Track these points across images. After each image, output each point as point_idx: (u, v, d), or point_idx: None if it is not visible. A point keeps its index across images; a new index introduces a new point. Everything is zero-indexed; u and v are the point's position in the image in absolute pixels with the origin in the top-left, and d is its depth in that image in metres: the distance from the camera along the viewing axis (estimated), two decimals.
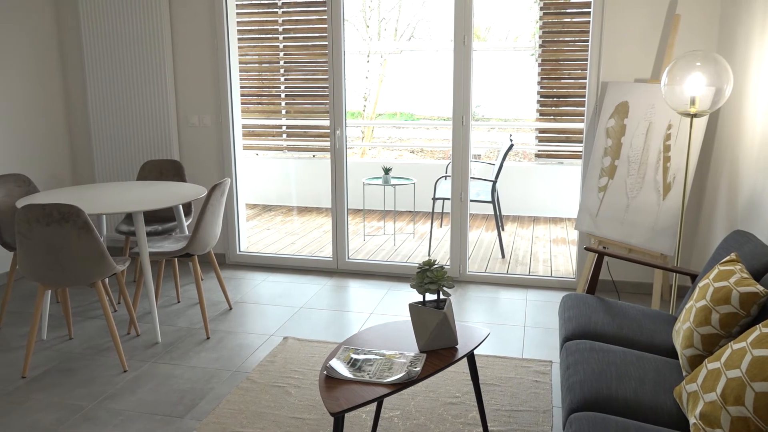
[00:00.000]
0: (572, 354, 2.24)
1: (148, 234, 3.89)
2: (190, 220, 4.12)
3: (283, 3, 5.05)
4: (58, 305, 3.91)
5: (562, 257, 5.00)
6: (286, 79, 5.42)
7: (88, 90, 4.62)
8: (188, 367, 3.08)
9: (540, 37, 5.55)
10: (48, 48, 4.60)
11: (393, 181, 5.59)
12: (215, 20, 4.41)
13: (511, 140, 5.21)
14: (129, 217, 4.05)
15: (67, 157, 4.83)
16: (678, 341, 2.15)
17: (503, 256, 5.03)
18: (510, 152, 5.16)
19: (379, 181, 5.59)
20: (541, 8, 5.52)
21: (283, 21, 5.12)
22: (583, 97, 5.21)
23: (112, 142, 4.66)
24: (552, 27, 5.48)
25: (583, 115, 4.88)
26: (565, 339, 2.47)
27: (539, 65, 5.61)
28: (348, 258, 4.56)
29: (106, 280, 3.33)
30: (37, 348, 3.31)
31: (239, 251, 4.76)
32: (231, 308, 3.87)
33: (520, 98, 9.42)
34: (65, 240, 2.83)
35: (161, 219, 4.17)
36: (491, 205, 5.02)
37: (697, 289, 2.19)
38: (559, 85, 5.59)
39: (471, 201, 4.37)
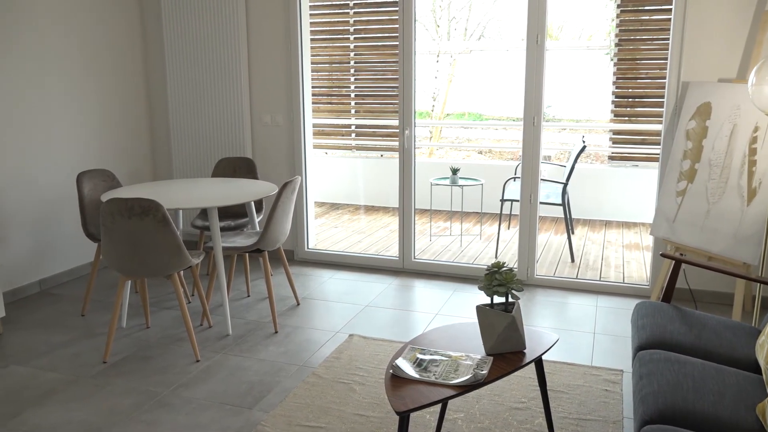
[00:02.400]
0: (646, 364, 2.16)
1: (221, 229, 4.02)
2: (261, 217, 4.23)
3: (354, 3, 5.11)
4: (136, 295, 4.09)
5: (635, 263, 4.83)
6: (356, 79, 5.48)
7: (168, 90, 4.82)
8: (257, 360, 3.17)
9: (616, 35, 5.38)
10: (132, 50, 4.83)
11: (461, 182, 5.56)
12: (289, 21, 4.51)
13: (584, 141, 5.08)
14: (204, 213, 4.20)
15: (147, 154, 5.06)
16: (762, 355, 2.04)
17: (573, 260, 4.90)
18: (582, 154, 5.03)
19: (447, 182, 5.57)
20: (618, 6, 5.35)
21: (354, 21, 5.18)
22: (662, 97, 5.01)
23: (189, 140, 4.84)
24: (629, 25, 5.30)
25: (660, 116, 4.70)
26: (639, 348, 2.38)
27: (614, 65, 5.44)
28: (414, 258, 4.56)
29: (182, 272, 3.45)
30: (117, 335, 3.48)
31: (307, 248, 4.84)
32: (299, 304, 3.94)
33: (593, 99, 9.16)
34: (145, 233, 2.96)
35: (234, 215, 4.29)
36: (561, 207, 4.91)
37: None
38: (636, 85, 5.40)
39: (540, 203, 4.29)
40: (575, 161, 4.95)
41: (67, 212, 4.37)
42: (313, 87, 5.31)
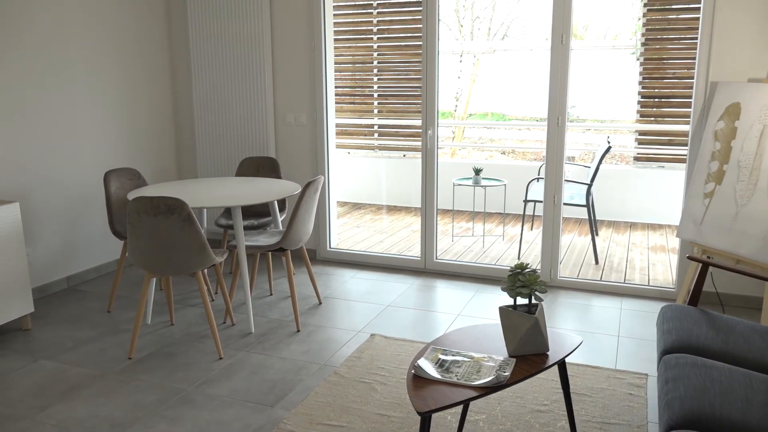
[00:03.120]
0: (672, 368, 2.13)
1: (245, 228, 4.05)
2: (284, 216, 4.25)
3: (378, 3, 5.11)
4: (161, 292, 4.14)
5: (661, 266, 4.76)
6: (379, 79, 5.49)
7: (193, 90, 4.87)
8: (279, 358, 3.19)
9: (642, 34, 5.31)
10: (159, 50, 4.89)
11: (483, 182, 5.53)
12: (313, 21, 4.53)
13: (609, 142, 5.02)
14: (228, 211, 4.23)
15: (173, 153, 5.12)
16: None
17: (597, 262, 4.85)
18: (607, 155, 4.98)
19: (470, 182, 5.55)
20: (645, 5, 5.28)
21: (377, 21, 5.18)
22: (689, 97, 4.94)
23: (214, 140, 4.89)
24: (656, 24, 5.23)
25: (687, 116, 4.63)
26: (664, 352, 2.35)
27: (641, 64, 5.38)
28: (436, 258, 4.55)
29: (205, 270, 3.49)
30: (142, 332, 3.52)
31: (329, 248, 4.86)
32: (320, 303, 3.96)
33: (618, 99, 9.06)
34: (170, 231, 2.99)
35: (257, 214, 4.33)
36: (585, 209, 4.87)
37: None
38: (662, 85, 5.33)
39: (564, 204, 4.25)
40: (600, 162, 4.90)
41: (95, 210, 4.45)
42: (336, 87, 5.33)
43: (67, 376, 3.01)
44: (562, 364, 2.27)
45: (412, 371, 2.07)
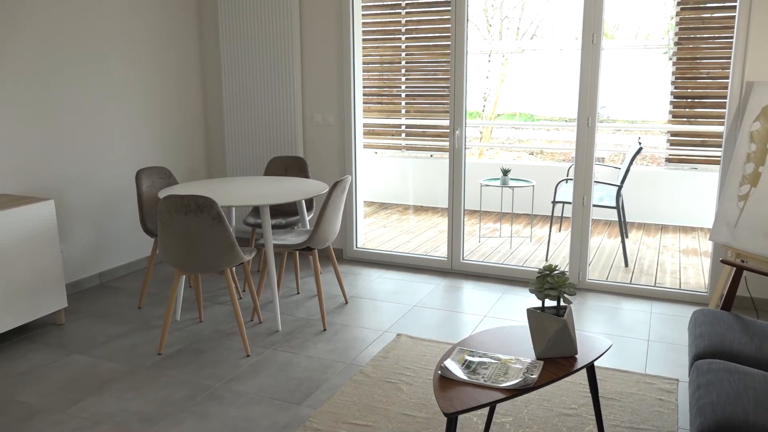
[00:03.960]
0: (704, 374, 2.09)
1: (272, 227, 4.08)
2: (311, 215, 4.28)
3: (406, 3, 5.11)
4: (190, 290, 4.20)
5: (692, 269, 4.67)
6: (406, 79, 5.48)
7: (223, 89, 4.93)
8: (305, 357, 3.20)
9: (675, 34, 5.22)
10: (189, 51, 4.96)
11: (511, 183, 5.49)
12: (342, 22, 4.55)
13: (640, 143, 4.94)
14: (256, 210, 4.27)
15: (202, 152, 5.19)
16: None
17: (626, 264, 4.78)
18: (638, 156, 4.90)
19: (497, 183, 5.51)
20: (678, 3, 5.19)
21: (405, 21, 5.18)
22: (723, 98, 4.84)
23: (243, 139, 4.94)
24: (690, 23, 5.13)
25: (721, 117, 4.54)
26: (696, 357, 2.31)
27: (673, 64, 5.28)
28: (463, 259, 4.54)
29: (234, 268, 3.52)
30: (171, 328, 3.58)
31: (356, 247, 4.87)
32: (347, 302, 3.97)
33: (650, 99, 8.92)
34: (200, 229, 3.03)
35: (285, 213, 4.36)
36: (615, 210, 4.80)
37: None
38: (696, 85, 5.23)
39: (594, 206, 4.20)
40: (631, 163, 4.83)
41: (126, 208, 4.53)
42: (364, 87, 5.34)
43: (99, 371, 3.07)
44: (590, 368, 2.24)
45: (439, 372, 2.06)
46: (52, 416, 2.66)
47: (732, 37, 3.71)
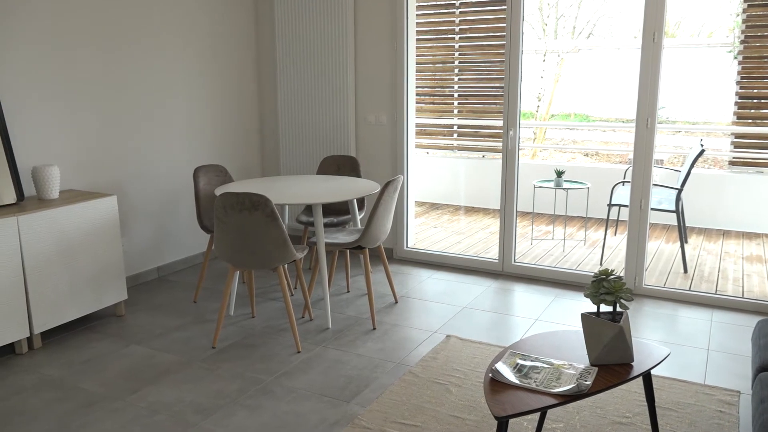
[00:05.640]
0: None
1: (324, 225, 4.12)
2: (362, 214, 4.30)
3: (461, 3, 5.08)
4: (244, 285, 4.29)
5: (757, 277, 4.48)
6: (459, 79, 5.45)
7: (278, 90, 5.01)
8: (355, 355, 3.23)
9: (742, 31, 5.01)
10: (246, 52, 5.06)
11: (565, 185, 5.39)
12: (396, 22, 4.56)
13: (702, 145, 4.77)
14: (308, 209, 4.33)
15: (257, 151, 5.29)
16: None
17: (685, 270, 4.62)
18: (699, 158, 4.73)
19: (551, 184, 5.42)
20: (745, 0, 4.98)
21: (459, 21, 5.15)
22: None
23: (296, 138, 5.01)
24: (757, 20, 4.93)
25: None
26: (760, 369, 2.21)
27: (739, 63, 5.08)
28: (514, 261, 4.48)
29: (286, 266, 3.58)
30: (225, 322, 3.66)
31: (406, 247, 4.88)
32: (397, 302, 3.98)
33: (712, 100, 8.60)
34: (254, 226, 3.09)
35: (336, 212, 4.40)
36: (674, 214, 4.65)
37: None
38: (763, 85, 5.02)
39: (652, 209, 4.08)
40: (692, 166, 4.67)
41: (184, 204, 4.66)
42: (416, 87, 5.34)
43: (156, 362, 3.17)
44: (647, 376, 2.18)
45: (490, 375, 2.04)
46: (112, 404, 2.76)
47: None
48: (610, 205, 4.82)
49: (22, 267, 3.16)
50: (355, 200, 4.02)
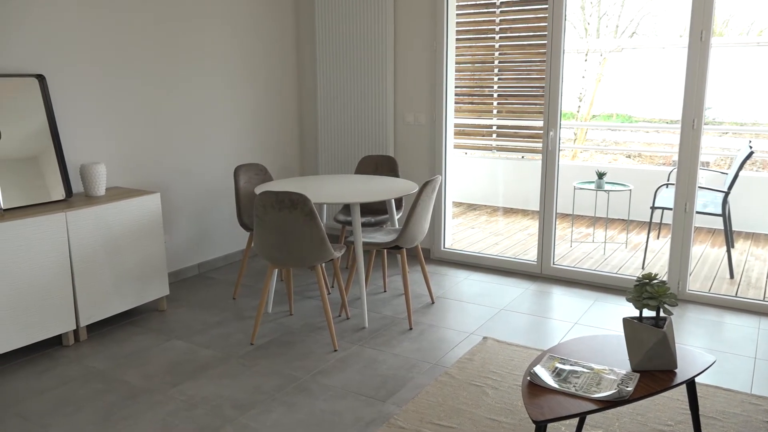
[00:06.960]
0: None
1: (362, 225, 4.14)
2: (400, 214, 4.30)
3: (501, 2, 5.03)
4: (282, 283, 4.33)
5: None
6: (499, 79, 5.39)
7: (317, 89, 5.05)
8: (391, 354, 3.23)
9: None
10: (286, 52, 5.12)
11: (606, 187, 5.29)
12: (436, 21, 4.54)
13: (751, 147, 4.63)
14: (346, 208, 4.35)
15: (296, 150, 5.34)
16: None
17: (732, 276, 4.49)
18: (748, 160, 4.59)
19: (592, 186, 5.33)
20: None
21: (500, 21, 5.10)
22: None
23: (335, 138, 5.04)
24: None
25: None
26: None
27: None
28: (553, 263, 4.42)
29: (323, 264, 3.61)
30: (263, 319, 3.71)
31: (444, 247, 4.86)
32: (433, 302, 3.97)
33: (762, 100, 8.33)
34: (293, 225, 3.12)
35: (374, 211, 4.41)
36: (721, 218, 4.52)
37: None
38: None
39: (697, 213, 3.97)
40: (740, 168, 4.53)
41: (224, 202, 4.73)
42: (455, 87, 5.31)
43: (196, 357, 3.23)
44: (691, 384, 2.12)
45: (528, 378, 2.02)
46: (153, 397, 2.82)
47: None
48: (653, 208, 4.72)
49: (69, 261, 3.26)
50: (393, 200, 4.02)
